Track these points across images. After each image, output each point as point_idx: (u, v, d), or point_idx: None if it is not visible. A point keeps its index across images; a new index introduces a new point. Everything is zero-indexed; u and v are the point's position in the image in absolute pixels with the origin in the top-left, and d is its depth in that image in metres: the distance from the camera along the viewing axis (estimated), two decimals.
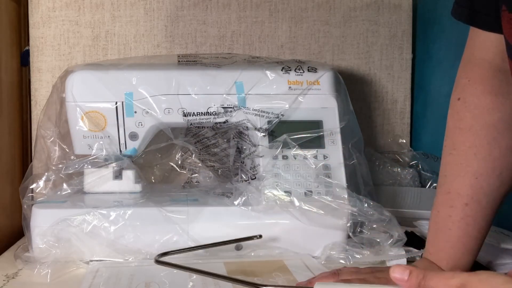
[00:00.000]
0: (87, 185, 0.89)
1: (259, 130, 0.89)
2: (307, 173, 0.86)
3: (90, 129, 0.88)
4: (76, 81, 0.88)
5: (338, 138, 0.89)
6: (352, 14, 1.17)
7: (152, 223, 0.82)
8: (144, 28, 1.12)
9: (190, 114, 0.89)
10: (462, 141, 0.70)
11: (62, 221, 0.80)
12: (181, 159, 1.02)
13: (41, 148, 0.91)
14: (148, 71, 0.90)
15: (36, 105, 1.09)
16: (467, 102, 0.71)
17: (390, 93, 1.21)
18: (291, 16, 1.16)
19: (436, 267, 0.68)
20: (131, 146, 0.90)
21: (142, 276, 0.75)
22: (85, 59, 1.11)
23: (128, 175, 0.90)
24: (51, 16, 1.10)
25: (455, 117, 0.72)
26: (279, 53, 1.15)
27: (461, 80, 0.72)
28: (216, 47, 1.14)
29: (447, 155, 0.72)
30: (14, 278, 0.76)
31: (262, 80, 0.90)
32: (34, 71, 1.10)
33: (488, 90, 0.69)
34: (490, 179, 0.69)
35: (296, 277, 0.74)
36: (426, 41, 1.21)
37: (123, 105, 0.88)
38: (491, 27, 0.68)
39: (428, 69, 1.21)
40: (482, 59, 0.70)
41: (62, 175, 0.88)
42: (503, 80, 0.68)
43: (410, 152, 1.20)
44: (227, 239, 0.82)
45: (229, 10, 1.14)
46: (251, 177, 0.87)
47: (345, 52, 1.18)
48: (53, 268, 0.76)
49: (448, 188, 0.71)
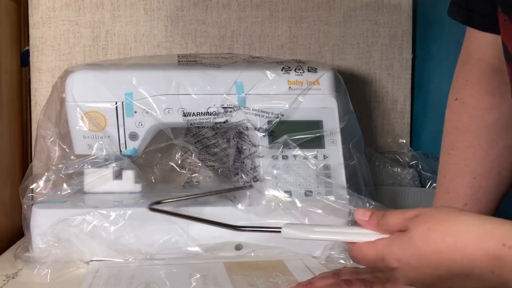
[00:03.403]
0: (87, 185, 0.89)
1: (259, 130, 0.89)
2: (307, 173, 0.86)
3: (90, 129, 0.88)
4: (76, 81, 0.88)
5: (338, 138, 0.89)
6: (352, 14, 1.17)
7: (152, 223, 0.82)
8: (144, 28, 1.12)
9: (190, 114, 0.89)
10: (460, 141, 0.70)
11: (62, 221, 0.80)
12: (181, 159, 1.02)
13: (41, 148, 0.91)
14: (148, 71, 0.90)
15: (36, 105, 1.09)
16: (464, 103, 0.71)
17: (390, 93, 1.21)
18: (291, 16, 1.16)
19: None
20: (131, 146, 0.90)
21: (142, 276, 0.75)
22: (85, 59, 1.11)
23: (128, 175, 0.90)
24: (51, 16, 1.10)
25: (453, 117, 0.72)
26: (279, 53, 1.15)
27: (459, 81, 0.72)
28: (216, 47, 1.14)
29: (445, 155, 0.72)
30: (14, 278, 0.76)
31: (262, 80, 0.90)
32: (34, 71, 1.10)
33: (486, 90, 0.70)
34: (489, 178, 0.69)
35: (296, 277, 0.74)
36: (426, 41, 1.21)
37: (123, 105, 0.88)
38: (487, 27, 0.68)
39: (428, 69, 1.21)
40: (479, 59, 0.70)
41: (62, 175, 0.88)
42: (500, 80, 0.68)
43: (410, 152, 1.20)
44: (228, 239, 0.83)
45: (229, 10, 1.14)
46: (253, 179, 0.87)
47: (345, 52, 1.18)
48: (53, 268, 0.76)
49: (447, 188, 0.71)
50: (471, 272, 0.48)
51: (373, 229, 0.55)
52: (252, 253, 0.84)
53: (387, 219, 0.54)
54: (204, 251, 0.82)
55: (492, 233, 0.47)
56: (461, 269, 0.48)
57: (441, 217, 0.51)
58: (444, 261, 0.49)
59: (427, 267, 0.50)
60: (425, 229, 0.50)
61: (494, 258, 0.47)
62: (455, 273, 0.49)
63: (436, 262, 0.49)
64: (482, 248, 0.47)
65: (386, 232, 0.53)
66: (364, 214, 0.56)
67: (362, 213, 0.56)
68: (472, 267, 0.48)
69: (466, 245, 0.48)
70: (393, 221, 0.53)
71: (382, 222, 0.54)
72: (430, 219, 0.51)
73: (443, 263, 0.49)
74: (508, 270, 0.46)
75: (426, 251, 0.49)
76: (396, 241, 0.52)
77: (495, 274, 0.47)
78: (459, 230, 0.49)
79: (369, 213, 0.56)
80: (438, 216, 0.51)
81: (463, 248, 0.48)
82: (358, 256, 0.55)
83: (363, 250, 0.54)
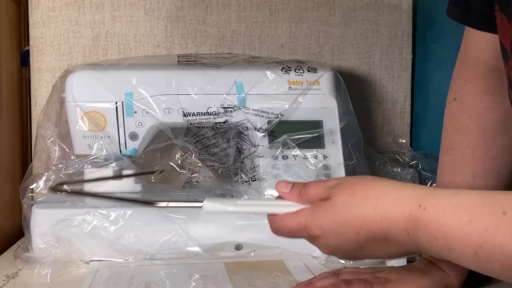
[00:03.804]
0: (87, 185, 0.89)
1: (259, 130, 0.89)
2: (307, 174, 0.86)
3: (90, 129, 0.88)
4: (76, 81, 0.88)
5: (338, 138, 0.89)
6: (352, 14, 1.17)
7: (152, 223, 0.82)
8: (144, 28, 1.13)
9: (190, 114, 0.89)
10: (459, 141, 0.70)
11: (62, 221, 0.80)
12: (181, 159, 1.02)
13: (41, 148, 0.91)
14: (148, 71, 0.90)
15: (36, 105, 1.09)
16: (463, 102, 0.71)
17: (390, 93, 1.21)
18: (291, 16, 1.16)
19: (436, 267, 0.68)
20: (131, 146, 0.90)
21: (142, 276, 0.75)
22: (85, 59, 1.11)
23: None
24: (51, 16, 1.10)
25: (451, 117, 0.72)
26: (279, 53, 1.15)
27: (457, 80, 0.72)
28: (216, 47, 1.14)
29: (444, 155, 0.72)
30: (14, 278, 0.76)
31: (262, 80, 0.90)
32: (34, 71, 1.10)
33: (484, 90, 0.70)
34: (488, 178, 0.69)
35: (296, 277, 0.74)
36: (426, 41, 1.21)
37: (123, 105, 0.88)
38: (485, 27, 0.68)
39: (428, 69, 1.21)
40: (477, 59, 0.70)
41: (62, 175, 0.88)
42: (499, 80, 0.68)
43: (410, 152, 1.20)
44: (227, 239, 0.83)
45: (229, 10, 1.14)
46: (251, 179, 0.87)
47: (345, 52, 1.18)
48: (53, 268, 0.76)
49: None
50: (389, 235, 0.49)
51: (295, 200, 0.55)
52: (252, 253, 0.84)
53: (309, 189, 0.54)
54: (204, 251, 0.82)
55: (410, 195, 0.49)
56: (381, 232, 0.49)
57: (362, 182, 0.52)
58: (364, 224, 0.50)
59: (348, 232, 0.51)
60: (347, 195, 0.51)
61: (411, 219, 0.48)
62: (375, 237, 0.50)
63: (357, 226, 0.50)
64: (400, 210, 0.48)
65: (308, 202, 0.54)
66: (285, 186, 0.56)
67: (283, 185, 0.56)
68: (390, 230, 0.49)
69: (385, 208, 0.49)
70: (315, 191, 0.54)
71: (304, 192, 0.54)
72: (351, 185, 0.52)
73: (364, 227, 0.50)
74: (422, 231, 0.47)
75: (348, 215, 0.50)
76: (318, 209, 0.52)
77: (410, 235, 0.48)
78: (378, 193, 0.50)
79: (290, 185, 0.56)
80: (359, 182, 0.52)
81: (382, 210, 0.49)
82: (280, 228, 0.55)
83: (285, 221, 0.54)
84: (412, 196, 0.49)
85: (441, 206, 0.47)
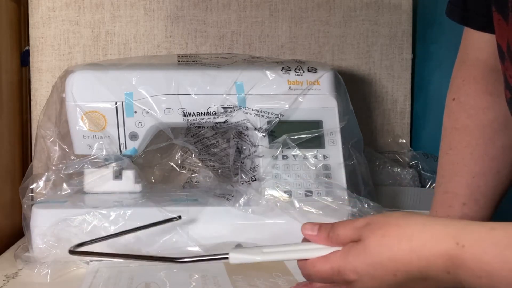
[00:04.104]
0: (87, 185, 0.89)
1: (259, 130, 0.89)
2: (307, 174, 0.86)
3: (90, 129, 0.88)
4: (76, 81, 0.88)
5: (338, 138, 0.89)
6: (352, 14, 1.17)
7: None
8: (144, 28, 1.13)
9: (190, 114, 0.89)
10: (458, 141, 0.70)
11: (62, 221, 0.80)
12: (181, 159, 1.02)
13: (41, 148, 0.91)
14: (148, 71, 0.90)
15: (36, 105, 1.09)
16: (462, 102, 0.71)
17: (390, 93, 1.21)
18: (291, 16, 1.16)
19: None
20: (131, 146, 0.90)
21: (142, 276, 0.75)
22: (85, 59, 1.11)
23: (128, 175, 0.90)
24: (51, 16, 1.10)
25: (450, 117, 0.72)
26: (279, 53, 1.15)
27: (456, 80, 0.72)
28: (216, 47, 1.14)
29: (444, 155, 0.72)
30: (14, 278, 0.76)
31: (262, 80, 0.90)
32: (34, 71, 1.10)
33: (483, 90, 0.70)
34: (487, 178, 0.69)
35: (296, 277, 0.74)
36: (426, 41, 1.21)
37: (123, 105, 0.88)
38: (484, 27, 0.68)
39: (428, 69, 1.21)
40: (476, 59, 0.70)
41: (62, 175, 0.88)
42: (498, 80, 0.68)
43: (410, 152, 1.20)
44: (228, 239, 0.82)
45: (229, 10, 1.14)
46: (251, 179, 0.87)
47: (345, 52, 1.18)
48: (53, 268, 0.76)
49: (446, 188, 0.71)
50: (428, 274, 0.48)
51: (323, 243, 0.53)
52: None
53: (337, 231, 0.52)
54: (204, 251, 0.82)
55: (445, 233, 0.47)
56: (419, 272, 0.48)
57: (392, 222, 0.50)
58: (401, 266, 0.48)
59: (385, 275, 0.49)
60: (379, 236, 0.49)
61: (450, 258, 0.47)
62: (413, 277, 0.49)
63: (394, 268, 0.49)
64: (437, 249, 0.47)
65: (338, 244, 0.52)
66: (312, 228, 0.54)
67: (309, 228, 0.54)
68: (429, 269, 0.48)
69: (421, 247, 0.48)
70: (344, 232, 0.52)
71: (332, 234, 0.53)
72: (382, 226, 0.50)
73: (401, 268, 0.48)
74: (463, 269, 0.46)
75: (383, 258, 0.49)
76: (350, 252, 0.51)
77: (451, 274, 0.47)
78: (412, 233, 0.49)
79: (317, 227, 0.54)
80: (390, 222, 0.50)
81: (419, 250, 0.48)
82: (312, 273, 0.53)
83: (317, 267, 0.52)
84: (447, 234, 0.47)
85: (480, 244, 0.46)
